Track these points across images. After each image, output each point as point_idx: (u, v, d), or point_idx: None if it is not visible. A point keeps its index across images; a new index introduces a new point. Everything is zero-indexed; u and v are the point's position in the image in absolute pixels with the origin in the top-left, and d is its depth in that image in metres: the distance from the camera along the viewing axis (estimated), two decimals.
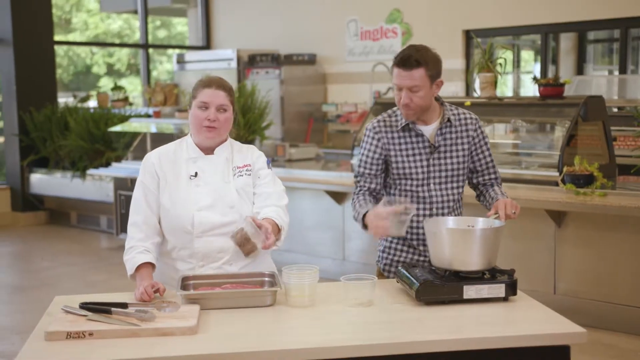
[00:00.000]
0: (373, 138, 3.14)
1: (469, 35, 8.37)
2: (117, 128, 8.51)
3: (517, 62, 10.08)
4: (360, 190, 3.16)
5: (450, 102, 6.55)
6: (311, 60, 9.46)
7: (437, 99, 3.14)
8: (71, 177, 8.95)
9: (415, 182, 3.11)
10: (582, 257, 5.14)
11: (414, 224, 3.13)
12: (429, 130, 3.10)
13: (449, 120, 3.10)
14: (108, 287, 6.30)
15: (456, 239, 2.64)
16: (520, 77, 10.27)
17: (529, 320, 2.50)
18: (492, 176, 3.24)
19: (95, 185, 8.64)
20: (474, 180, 3.26)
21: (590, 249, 5.10)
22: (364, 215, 2.95)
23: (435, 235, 2.70)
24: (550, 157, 5.63)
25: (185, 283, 2.76)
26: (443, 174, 3.11)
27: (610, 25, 8.03)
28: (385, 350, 2.30)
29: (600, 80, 8.11)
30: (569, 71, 9.50)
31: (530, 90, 9.65)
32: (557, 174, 5.27)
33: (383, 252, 3.25)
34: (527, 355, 2.35)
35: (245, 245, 2.77)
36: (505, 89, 10.13)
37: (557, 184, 5.21)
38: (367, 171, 3.15)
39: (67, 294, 3.07)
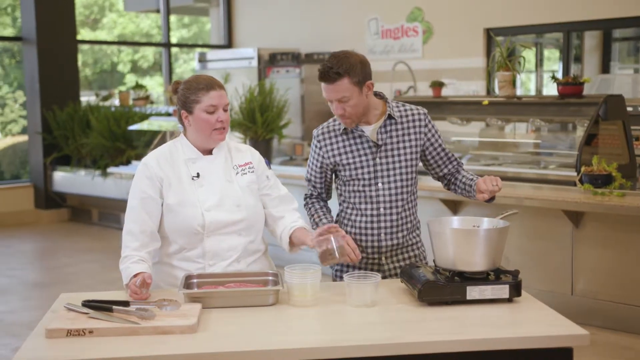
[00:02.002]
0: (316, 146, 3.19)
1: (490, 34, 8.30)
2: (137, 126, 8.56)
3: (540, 61, 9.98)
4: (311, 195, 3.28)
5: (467, 101, 6.52)
6: None
7: (381, 96, 3.12)
8: (92, 175, 9.02)
9: (362, 182, 3.11)
10: (599, 258, 5.08)
11: (363, 225, 3.14)
12: (370, 129, 3.09)
13: (391, 117, 3.08)
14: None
15: (460, 240, 2.61)
16: (544, 76, 10.16)
17: (532, 321, 2.46)
18: (454, 164, 3.24)
19: (116, 183, 8.70)
20: (440, 173, 3.25)
21: (608, 249, 5.04)
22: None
23: (439, 236, 2.67)
24: (569, 157, 5.57)
25: (188, 282, 2.76)
26: (391, 172, 3.09)
27: (635, 23, 7.92)
28: (386, 351, 2.29)
29: (624, 79, 7.99)
30: (594, 70, 9.38)
31: (553, 89, 9.55)
32: (575, 173, 5.21)
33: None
34: (530, 357, 2.32)
35: (327, 259, 2.81)
36: (528, 88, 10.03)
37: (575, 184, 5.15)
38: (312, 177, 3.26)
39: (85, 290, 3.09)
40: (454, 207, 5.69)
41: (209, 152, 3.00)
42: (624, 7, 7.48)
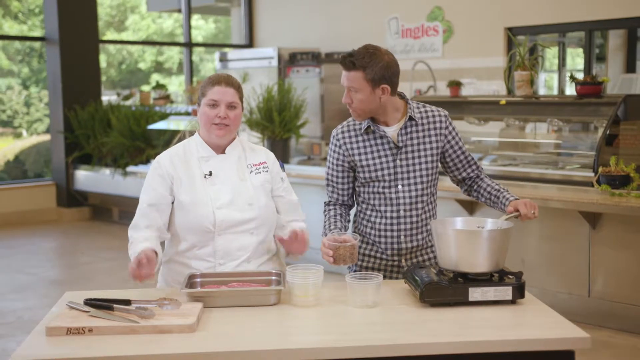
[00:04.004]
0: (335, 145, 3.14)
1: (511, 33, 8.22)
2: (156, 125, 8.60)
3: (563, 60, 9.87)
4: (330, 201, 3.21)
5: (485, 100, 6.45)
6: None
7: (402, 97, 3.08)
8: (112, 174, 9.08)
9: (382, 184, 3.07)
10: (617, 260, 5.01)
11: (383, 227, 3.10)
12: (391, 131, 3.06)
13: (412, 119, 3.04)
14: (143, 283, 6.37)
15: (462, 241, 2.58)
16: (567, 75, 10.04)
17: (534, 324, 2.43)
18: (474, 167, 3.19)
19: (135, 182, 8.75)
20: (459, 176, 3.21)
21: (626, 251, 4.97)
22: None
23: (441, 237, 2.65)
24: (586, 157, 5.50)
25: (192, 281, 2.76)
26: (411, 174, 3.05)
27: None
28: (387, 352, 2.27)
29: None
30: (619, 69, 9.26)
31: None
32: (592, 174, 5.14)
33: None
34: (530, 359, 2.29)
35: (339, 262, 2.82)
36: (552, 88, 9.93)
37: (592, 185, 5.09)
38: (332, 179, 3.18)
39: (102, 289, 3.10)
40: (471, 207, 5.65)
41: (222, 150, 3.01)
42: None
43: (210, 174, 2.96)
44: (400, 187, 3.06)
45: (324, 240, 2.84)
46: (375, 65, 2.90)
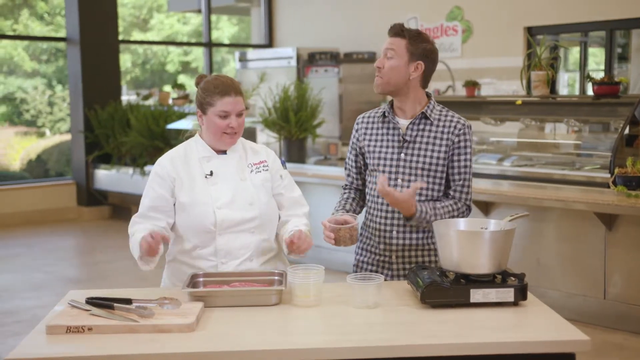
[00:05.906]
0: (355, 129, 3.19)
1: (531, 33, 8.16)
2: (174, 125, 8.63)
3: (584, 60, 9.76)
4: (346, 185, 3.27)
5: (501, 100, 6.38)
6: (371, 58, 9.39)
7: (428, 96, 3.07)
8: (131, 174, 9.13)
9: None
10: (633, 262, 4.95)
11: (378, 220, 3.08)
12: (405, 123, 3.04)
13: (426, 117, 3.02)
14: (158, 282, 6.40)
15: (463, 241, 2.56)
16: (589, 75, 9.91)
17: (535, 326, 2.41)
18: (458, 193, 3.04)
19: None
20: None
21: None
22: None
23: (443, 237, 2.62)
24: (603, 158, 5.43)
25: (194, 280, 2.77)
26: (413, 171, 3.01)
27: None
28: (387, 353, 2.26)
29: None
30: None
31: None
32: (608, 175, 5.08)
33: (355, 252, 3.22)
34: None
35: (340, 243, 2.87)
36: (574, 88, 9.83)
37: (608, 186, 5.03)
38: (349, 162, 3.23)
39: (118, 287, 3.12)
40: (486, 208, 5.61)
41: (223, 150, 3.01)
42: None
43: (211, 173, 2.97)
44: (399, 181, 3.03)
45: (324, 222, 2.87)
46: (420, 42, 2.96)
